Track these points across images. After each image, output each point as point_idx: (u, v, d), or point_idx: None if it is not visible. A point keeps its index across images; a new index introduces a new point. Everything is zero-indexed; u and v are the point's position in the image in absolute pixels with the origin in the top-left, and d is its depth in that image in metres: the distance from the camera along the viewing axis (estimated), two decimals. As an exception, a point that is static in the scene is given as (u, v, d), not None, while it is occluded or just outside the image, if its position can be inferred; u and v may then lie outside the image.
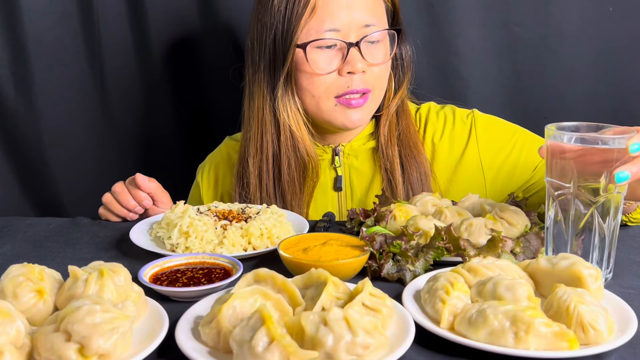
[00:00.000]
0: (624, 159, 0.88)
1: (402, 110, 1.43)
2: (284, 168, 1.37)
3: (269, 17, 1.30)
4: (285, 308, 0.77)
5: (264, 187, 1.39)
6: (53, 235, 1.24)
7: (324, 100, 1.33)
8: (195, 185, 1.56)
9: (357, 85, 1.31)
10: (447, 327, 0.78)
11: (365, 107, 1.34)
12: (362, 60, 1.29)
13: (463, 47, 1.68)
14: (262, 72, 1.35)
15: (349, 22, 1.28)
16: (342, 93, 1.31)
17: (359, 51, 1.29)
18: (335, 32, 1.28)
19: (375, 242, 1.00)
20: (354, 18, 1.28)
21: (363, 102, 1.33)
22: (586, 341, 0.75)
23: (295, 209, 1.37)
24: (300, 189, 1.38)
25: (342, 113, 1.33)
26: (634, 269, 1.03)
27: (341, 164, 1.43)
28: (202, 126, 1.83)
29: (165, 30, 1.72)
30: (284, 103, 1.34)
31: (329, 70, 1.30)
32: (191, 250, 1.08)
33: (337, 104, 1.33)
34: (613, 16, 1.64)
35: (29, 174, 1.78)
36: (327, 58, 1.30)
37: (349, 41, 1.29)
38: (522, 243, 1.02)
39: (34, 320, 0.79)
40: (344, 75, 1.30)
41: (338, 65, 1.30)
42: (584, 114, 1.70)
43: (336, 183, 1.43)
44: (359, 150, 1.44)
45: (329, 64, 1.30)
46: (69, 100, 1.74)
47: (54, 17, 1.68)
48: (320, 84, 1.31)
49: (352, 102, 1.32)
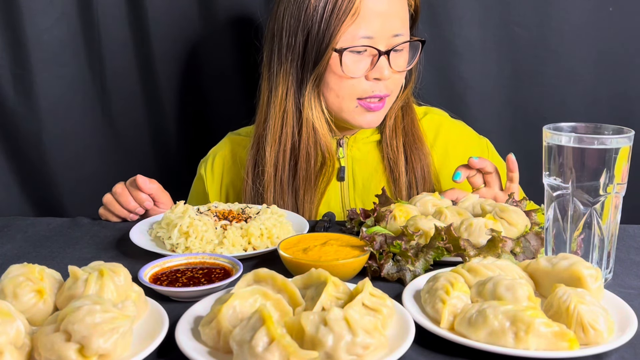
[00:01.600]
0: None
1: (407, 106, 1.48)
2: (302, 162, 1.39)
3: (304, 14, 1.32)
4: (285, 308, 0.77)
5: (279, 177, 1.41)
6: (53, 235, 1.24)
7: (347, 101, 1.37)
8: (199, 179, 1.56)
9: (381, 90, 1.36)
10: (447, 327, 0.79)
11: (382, 110, 1.40)
12: (389, 67, 1.34)
13: (463, 47, 1.68)
14: (289, 65, 1.37)
15: (381, 30, 1.32)
16: (365, 96, 1.36)
17: (387, 59, 1.33)
18: (369, 39, 1.32)
19: (375, 242, 1.00)
20: (387, 27, 1.32)
21: (381, 106, 1.38)
22: (586, 341, 0.75)
23: (306, 204, 1.40)
24: (315, 184, 1.41)
25: (361, 114, 1.38)
26: (634, 269, 1.03)
27: (344, 155, 1.47)
28: (203, 126, 1.83)
29: (165, 30, 1.72)
30: (309, 100, 1.37)
31: (358, 75, 1.34)
32: (191, 250, 1.08)
33: (359, 105, 1.37)
34: (613, 16, 1.64)
35: (29, 174, 1.78)
36: (358, 62, 1.34)
37: (380, 49, 1.32)
38: (522, 243, 1.02)
39: (34, 320, 0.79)
40: (370, 80, 1.35)
41: (366, 70, 1.34)
42: (584, 114, 1.70)
43: (339, 173, 1.46)
44: (363, 143, 1.48)
45: (358, 68, 1.34)
46: (69, 100, 1.73)
47: (54, 17, 1.68)
48: (347, 86, 1.35)
49: (372, 106, 1.37)
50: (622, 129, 0.92)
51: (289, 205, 1.41)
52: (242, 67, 1.76)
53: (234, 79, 1.77)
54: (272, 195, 1.41)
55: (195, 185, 1.58)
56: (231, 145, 1.55)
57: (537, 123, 1.14)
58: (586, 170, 0.90)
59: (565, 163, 0.91)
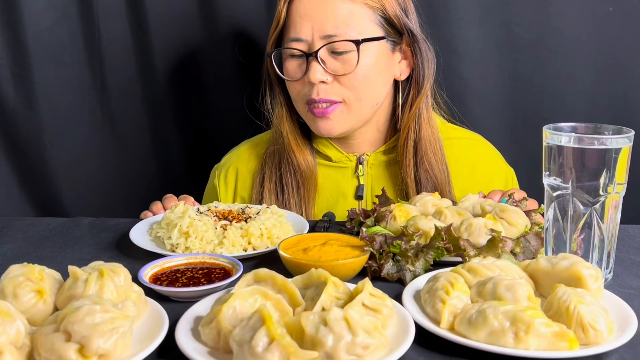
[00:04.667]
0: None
1: (419, 124, 1.41)
2: (284, 172, 1.43)
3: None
4: (285, 308, 0.77)
5: (271, 185, 1.44)
6: (53, 235, 1.24)
7: (300, 105, 1.40)
8: (212, 188, 1.54)
9: (316, 95, 1.33)
10: (447, 327, 0.79)
11: (334, 118, 1.36)
12: (322, 71, 1.32)
13: (463, 47, 1.68)
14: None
15: (311, 32, 1.32)
16: (307, 100, 1.36)
17: (318, 62, 1.31)
18: (299, 42, 1.34)
19: (375, 242, 1.00)
20: (317, 29, 1.32)
21: (329, 111, 1.34)
22: (586, 341, 0.75)
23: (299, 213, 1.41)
24: (299, 193, 1.42)
25: (312, 120, 1.39)
26: (634, 269, 1.04)
27: (364, 173, 1.45)
28: (202, 125, 1.83)
29: (165, 30, 1.72)
30: (273, 107, 1.44)
31: (295, 78, 1.36)
32: (191, 251, 1.08)
33: (309, 110, 1.37)
34: (613, 16, 1.64)
35: (29, 174, 1.78)
36: (295, 66, 1.36)
37: (310, 52, 1.32)
38: (522, 243, 1.02)
39: (34, 320, 0.79)
40: (307, 84, 1.35)
41: (302, 74, 1.35)
42: (584, 114, 1.70)
43: (357, 191, 1.45)
44: (382, 161, 1.46)
45: (295, 72, 1.36)
46: (69, 100, 1.73)
47: (54, 17, 1.68)
48: (293, 90, 1.39)
49: (315, 111, 1.35)
50: (622, 129, 0.92)
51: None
52: (243, 66, 1.76)
53: (234, 78, 1.77)
54: (269, 200, 1.43)
55: (209, 193, 1.56)
56: (245, 156, 1.53)
57: (537, 123, 1.14)
58: (586, 170, 0.90)
59: (565, 163, 0.91)
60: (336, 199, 1.45)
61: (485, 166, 1.50)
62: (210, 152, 1.79)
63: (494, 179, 1.49)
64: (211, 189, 1.54)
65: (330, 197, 1.45)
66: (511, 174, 1.52)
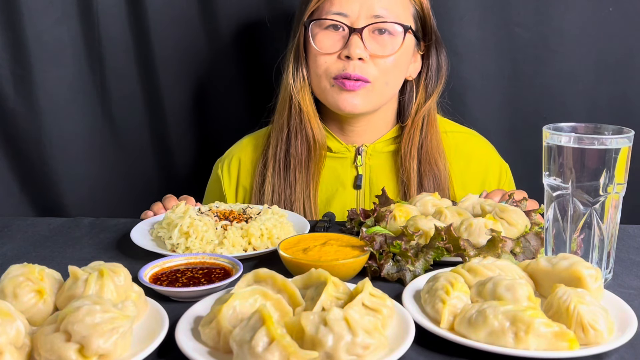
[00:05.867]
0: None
1: (427, 122, 1.46)
2: (292, 141, 1.43)
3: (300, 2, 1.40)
4: (285, 308, 0.77)
5: (277, 158, 1.44)
6: (53, 235, 1.24)
7: (323, 79, 1.38)
8: (216, 180, 1.55)
9: (352, 70, 1.34)
10: (447, 327, 0.79)
11: (361, 95, 1.37)
12: (363, 48, 1.33)
13: (463, 47, 1.68)
14: (289, 52, 1.44)
15: (358, 10, 1.33)
16: (338, 75, 1.35)
17: (361, 38, 1.33)
18: (343, 17, 1.34)
19: (375, 242, 1.00)
20: (364, 7, 1.33)
21: (358, 87, 1.35)
22: (586, 341, 0.75)
23: (305, 198, 1.41)
24: (306, 166, 1.43)
25: (337, 94, 1.38)
26: (634, 269, 1.04)
27: (362, 163, 1.47)
28: (203, 125, 1.83)
29: (165, 30, 1.72)
30: (294, 78, 1.41)
31: (330, 51, 1.36)
32: (191, 251, 1.08)
33: (334, 84, 1.37)
34: (613, 16, 1.64)
35: (29, 174, 1.78)
36: (332, 40, 1.36)
37: (354, 27, 1.33)
38: (522, 243, 1.02)
39: (34, 320, 0.79)
40: (342, 58, 1.35)
41: (339, 48, 1.35)
42: (584, 114, 1.70)
43: (356, 181, 1.46)
44: (381, 152, 1.48)
45: (332, 45, 1.36)
46: (69, 100, 1.73)
47: (54, 17, 1.68)
48: (321, 63, 1.37)
49: (346, 84, 1.35)
50: (622, 129, 0.92)
51: (285, 194, 1.42)
52: (243, 66, 1.76)
53: (234, 78, 1.77)
54: (271, 181, 1.43)
55: (212, 186, 1.57)
56: (248, 147, 1.54)
57: (537, 123, 1.14)
58: (586, 170, 0.90)
59: (565, 163, 0.91)
60: (335, 188, 1.47)
61: (479, 159, 1.52)
62: (211, 152, 1.78)
63: (489, 171, 1.51)
64: (215, 180, 1.55)
65: (329, 186, 1.47)
66: (505, 168, 1.54)
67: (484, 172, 1.50)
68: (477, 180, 1.43)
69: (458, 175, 1.48)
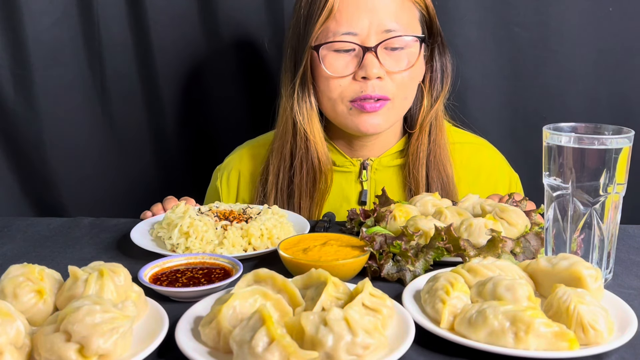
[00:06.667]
0: None
1: (435, 126, 1.42)
2: (297, 172, 1.38)
3: (294, 19, 1.33)
4: (285, 308, 0.77)
5: (279, 187, 1.40)
6: (53, 235, 1.24)
7: (339, 103, 1.32)
8: (214, 190, 1.53)
9: (372, 91, 1.28)
10: (447, 327, 0.79)
11: (382, 114, 1.32)
12: (379, 66, 1.27)
13: (463, 47, 1.68)
14: (286, 74, 1.37)
15: (368, 27, 1.27)
16: (356, 97, 1.30)
17: (376, 56, 1.27)
18: (352, 36, 1.27)
19: (375, 242, 1.00)
20: (374, 23, 1.27)
21: (379, 107, 1.30)
22: (586, 341, 0.75)
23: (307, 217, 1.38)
24: (310, 196, 1.38)
25: (357, 117, 1.32)
26: (634, 269, 1.04)
27: (368, 178, 1.43)
28: (202, 125, 1.83)
29: (165, 30, 1.72)
30: (300, 105, 1.34)
31: (344, 74, 1.29)
32: (191, 251, 1.08)
33: (352, 107, 1.31)
34: (613, 16, 1.64)
35: (29, 174, 1.78)
36: (344, 62, 1.29)
37: (367, 46, 1.27)
38: (522, 243, 1.02)
39: (34, 320, 0.79)
40: (358, 80, 1.29)
41: (354, 70, 1.29)
42: (584, 114, 1.70)
43: (361, 197, 1.43)
44: (387, 167, 1.44)
45: (345, 67, 1.29)
46: (69, 100, 1.73)
47: (54, 17, 1.68)
48: (335, 87, 1.31)
49: (366, 106, 1.30)
50: (622, 129, 0.92)
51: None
52: (243, 66, 1.77)
53: (234, 78, 1.77)
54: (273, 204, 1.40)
55: (211, 194, 1.55)
56: (248, 158, 1.51)
57: (537, 123, 1.14)
58: (586, 170, 0.90)
59: (565, 163, 0.91)
60: (339, 204, 1.43)
61: (489, 171, 1.49)
62: (211, 152, 1.79)
63: (498, 183, 1.48)
64: (213, 190, 1.54)
65: (333, 201, 1.43)
66: (515, 179, 1.51)
67: (493, 184, 1.47)
68: (486, 192, 1.38)
69: (467, 187, 1.44)
